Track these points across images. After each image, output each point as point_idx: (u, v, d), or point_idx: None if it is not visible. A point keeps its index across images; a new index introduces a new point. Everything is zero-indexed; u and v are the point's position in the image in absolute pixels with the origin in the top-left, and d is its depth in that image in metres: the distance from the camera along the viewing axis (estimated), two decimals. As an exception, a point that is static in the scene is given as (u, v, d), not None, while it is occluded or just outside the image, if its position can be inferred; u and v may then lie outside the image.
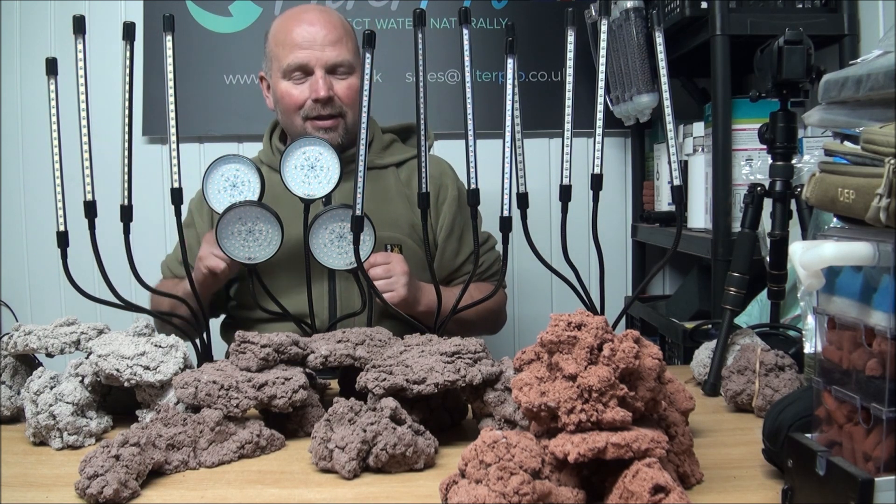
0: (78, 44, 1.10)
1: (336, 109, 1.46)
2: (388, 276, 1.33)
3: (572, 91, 1.15)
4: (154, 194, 1.99)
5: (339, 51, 1.44)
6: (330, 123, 1.46)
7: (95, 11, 2.09)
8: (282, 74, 1.46)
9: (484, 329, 1.58)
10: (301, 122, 1.46)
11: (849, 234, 0.65)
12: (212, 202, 1.23)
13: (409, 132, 1.62)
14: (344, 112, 1.46)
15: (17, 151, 2.17)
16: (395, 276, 1.34)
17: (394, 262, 1.35)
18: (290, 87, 1.46)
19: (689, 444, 0.81)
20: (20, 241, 2.19)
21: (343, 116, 1.47)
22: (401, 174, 1.54)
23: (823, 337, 0.69)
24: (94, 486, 0.76)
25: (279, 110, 1.51)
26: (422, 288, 1.41)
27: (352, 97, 1.46)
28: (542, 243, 1.35)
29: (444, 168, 1.58)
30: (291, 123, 1.49)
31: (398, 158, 1.55)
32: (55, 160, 1.11)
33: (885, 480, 0.59)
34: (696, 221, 1.66)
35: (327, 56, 1.44)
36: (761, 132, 1.19)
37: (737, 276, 1.18)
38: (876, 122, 0.67)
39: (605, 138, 1.47)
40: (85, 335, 1.05)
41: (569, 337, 0.72)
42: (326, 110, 1.45)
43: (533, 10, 2.15)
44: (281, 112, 1.51)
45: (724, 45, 1.51)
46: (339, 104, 1.46)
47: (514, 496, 0.64)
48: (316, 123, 1.46)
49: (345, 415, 0.87)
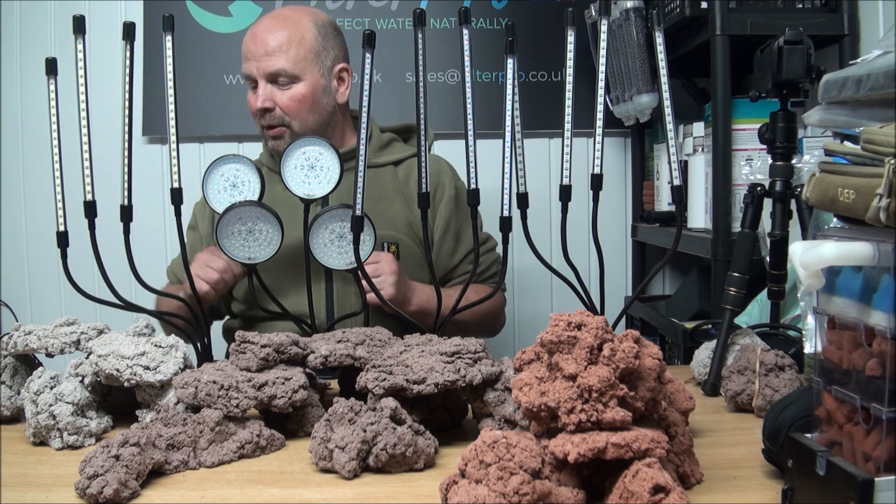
0: (78, 44, 1.10)
1: (276, 119, 1.46)
2: (376, 276, 1.32)
3: (572, 91, 1.15)
4: (154, 194, 1.99)
5: (276, 60, 1.43)
6: (275, 132, 1.47)
7: (95, 11, 2.09)
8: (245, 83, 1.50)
9: (482, 331, 1.57)
10: (261, 128, 1.49)
11: (849, 234, 0.65)
12: (212, 202, 1.23)
13: (410, 132, 1.62)
14: (287, 121, 1.46)
15: (17, 151, 2.17)
16: (384, 276, 1.34)
17: (382, 261, 1.35)
18: (249, 94, 1.49)
19: (689, 444, 0.81)
20: (20, 241, 2.19)
21: (288, 126, 1.46)
22: (399, 173, 1.54)
23: (823, 337, 0.69)
24: (94, 486, 0.76)
25: None
26: (413, 287, 1.41)
27: (294, 107, 1.45)
28: (542, 243, 1.36)
29: (441, 167, 1.58)
30: (258, 129, 1.51)
31: (396, 157, 1.55)
32: (55, 160, 1.11)
33: (885, 480, 0.59)
34: (696, 221, 1.66)
35: (264, 66, 1.44)
36: (761, 132, 1.19)
37: (737, 276, 1.18)
38: (876, 122, 0.67)
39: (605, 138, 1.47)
40: (85, 335, 1.05)
41: (569, 337, 0.72)
42: (266, 121, 1.46)
43: (533, 10, 2.15)
44: None
45: (724, 45, 1.51)
46: (279, 114, 1.45)
47: (514, 496, 0.64)
48: (267, 132, 1.48)
49: (345, 415, 0.87)
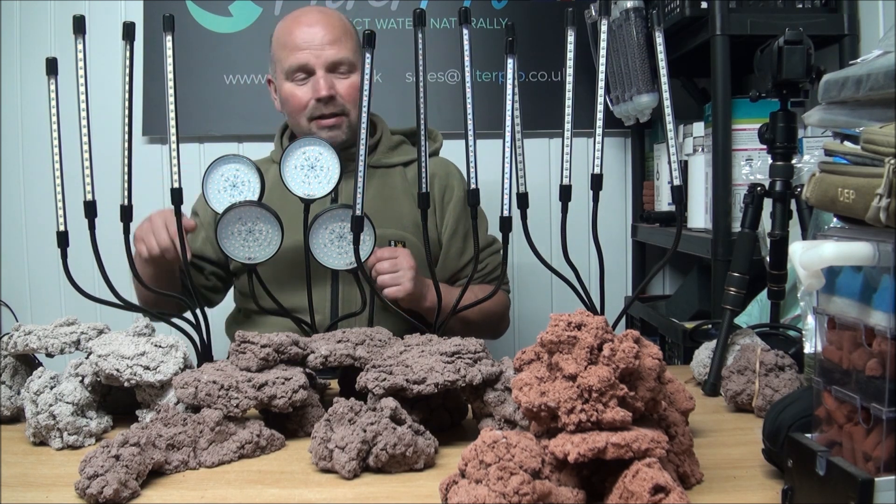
0: (78, 44, 1.10)
1: (338, 108, 1.47)
2: (394, 271, 1.33)
3: (572, 91, 1.15)
4: (154, 194, 1.99)
5: (339, 49, 1.45)
6: (333, 122, 1.47)
7: (95, 11, 2.09)
8: (285, 76, 1.48)
9: (486, 330, 1.59)
10: (306, 122, 1.48)
11: (849, 234, 0.65)
12: (212, 202, 1.23)
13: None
14: (347, 110, 1.48)
15: (17, 151, 2.17)
16: (402, 271, 1.34)
17: (400, 256, 1.36)
18: (293, 88, 1.47)
19: (689, 444, 0.81)
20: (20, 241, 2.19)
21: (346, 114, 1.48)
22: (408, 174, 1.56)
23: (823, 337, 0.69)
24: (94, 486, 0.76)
25: (286, 112, 1.52)
26: (428, 284, 1.41)
27: (353, 95, 1.47)
28: (542, 243, 1.35)
29: (451, 170, 1.60)
30: (298, 124, 1.51)
31: (405, 158, 1.57)
32: (55, 160, 1.11)
33: (885, 480, 0.59)
34: (696, 221, 1.66)
35: (327, 55, 1.45)
36: (761, 132, 1.19)
37: (737, 276, 1.18)
38: (876, 122, 0.67)
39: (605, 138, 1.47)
40: (85, 335, 1.05)
41: (569, 337, 0.72)
42: (329, 109, 1.46)
43: (533, 10, 2.15)
44: (288, 114, 1.52)
45: (724, 45, 1.51)
46: (341, 102, 1.47)
47: (514, 496, 0.64)
48: (320, 122, 1.47)
49: (345, 415, 0.87)
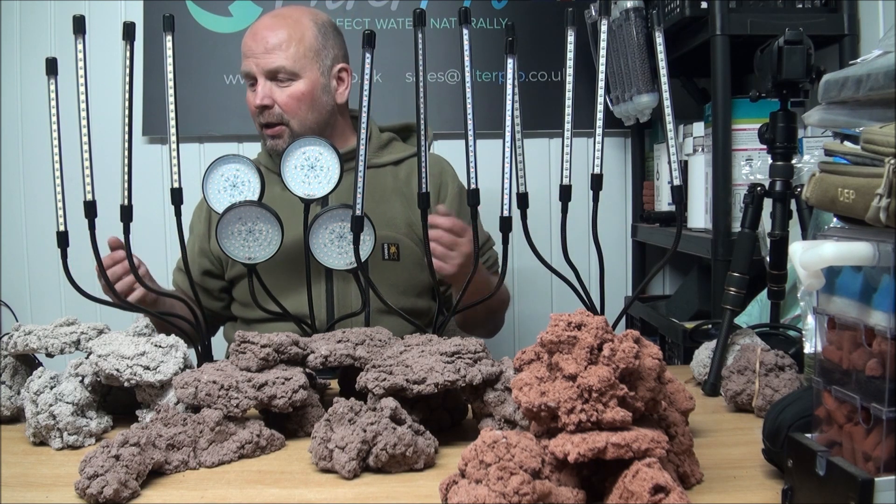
0: (78, 44, 1.10)
1: (275, 117, 1.45)
2: (450, 248, 1.31)
3: (572, 91, 1.15)
4: (154, 194, 1.99)
5: (276, 57, 1.43)
6: (274, 131, 1.46)
7: (95, 11, 2.09)
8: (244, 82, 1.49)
9: (488, 323, 1.59)
10: (259, 127, 1.49)
11: (849, 234, 0.65)
12: (212, 202, 1.23)
13: (409, 131, 1.62)
14: (285, 119, 1.45)
15: (17, 151, 2.17)
16: (457, 252, 1.31)
17: (465, 239, 1.31)
18: (248, 93, 1.48)
19: (689, 444, 0.81)
20: (20, 241, 2.19)
21: (285, 124, 1.46)
22: (399, 173, 1.54)
23: (823, 337, 0.69)
24: (94, 486, 0.76)
25: None
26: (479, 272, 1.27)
27: (293, 105, 1.44)
28: (542, 243, 1.36)
29: (443, 166, 1.58)
30: (257, 129, 1.51)
31: (396, 157, 1.55)
32: (55, 160, 1.11)
33: (885, 480, 0.59)
34: (696, 221, 1.66)
35: (263, 63, 1.43)
36: (761, 132, 1.19)
37: (737, 276, 1.18)
38: (876, 122, 0.67)
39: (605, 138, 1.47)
40: (85, 335, 1.05)
41: (569, 337, 0.72)
42: (265, 118, 1.45)
43: (533, 10, 2.15)
44: None
45: (724, 45, 1.51)
46: (278, 112, 1.45)
47: (514, 496, 0.64)
48: (265, 131, 1.47)
49: (345, 415, 0.87)
